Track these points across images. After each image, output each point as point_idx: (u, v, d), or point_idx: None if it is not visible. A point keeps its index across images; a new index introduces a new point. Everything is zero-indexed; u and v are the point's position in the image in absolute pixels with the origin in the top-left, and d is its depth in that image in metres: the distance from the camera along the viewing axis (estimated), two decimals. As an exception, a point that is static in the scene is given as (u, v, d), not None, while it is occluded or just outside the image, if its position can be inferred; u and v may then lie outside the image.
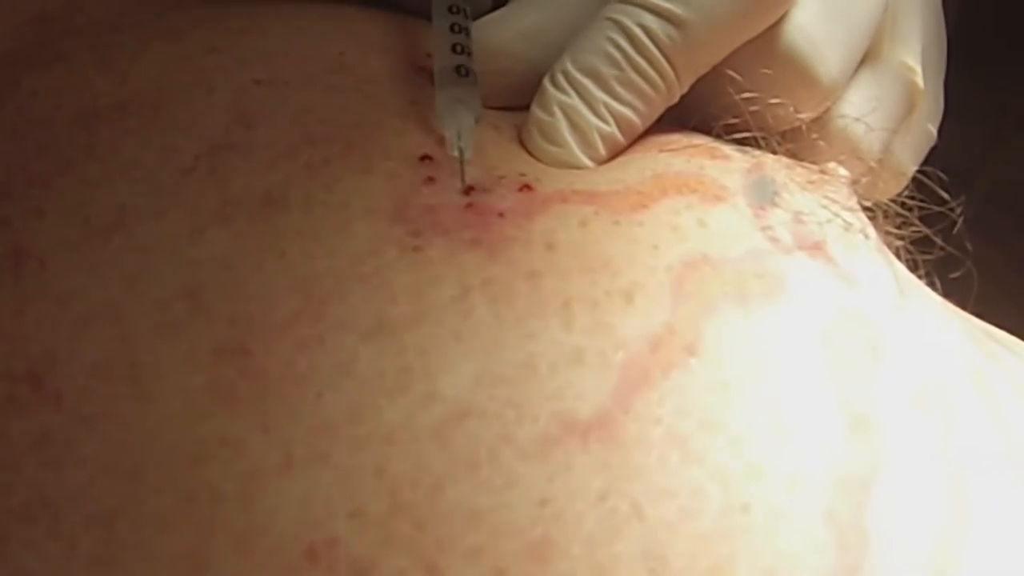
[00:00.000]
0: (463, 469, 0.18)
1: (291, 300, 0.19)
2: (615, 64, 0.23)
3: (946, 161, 0.27)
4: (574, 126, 0.23)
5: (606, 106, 0.23)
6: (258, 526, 0.18)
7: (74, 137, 0.22)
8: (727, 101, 0.24)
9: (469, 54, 0.23)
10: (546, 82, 0.23)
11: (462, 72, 0.23)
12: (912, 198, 0.25)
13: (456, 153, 0.22)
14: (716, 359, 0.19)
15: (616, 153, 0.23)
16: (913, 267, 0.24)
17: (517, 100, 0.24)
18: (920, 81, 0.27)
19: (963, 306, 0.26)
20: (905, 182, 0.27)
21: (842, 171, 0.25)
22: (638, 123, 0.23)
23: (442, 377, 0.19)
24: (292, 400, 0.19)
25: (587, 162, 0.23)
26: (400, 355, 0.19)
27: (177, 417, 0.19)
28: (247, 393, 0.19)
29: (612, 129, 0.23)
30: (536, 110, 0.23)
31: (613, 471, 0.18)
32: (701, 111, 0.24)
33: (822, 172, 0.24)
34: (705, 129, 0.24)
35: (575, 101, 0.23)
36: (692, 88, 0.24)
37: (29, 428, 0.19)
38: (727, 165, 0.23)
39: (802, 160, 0.25)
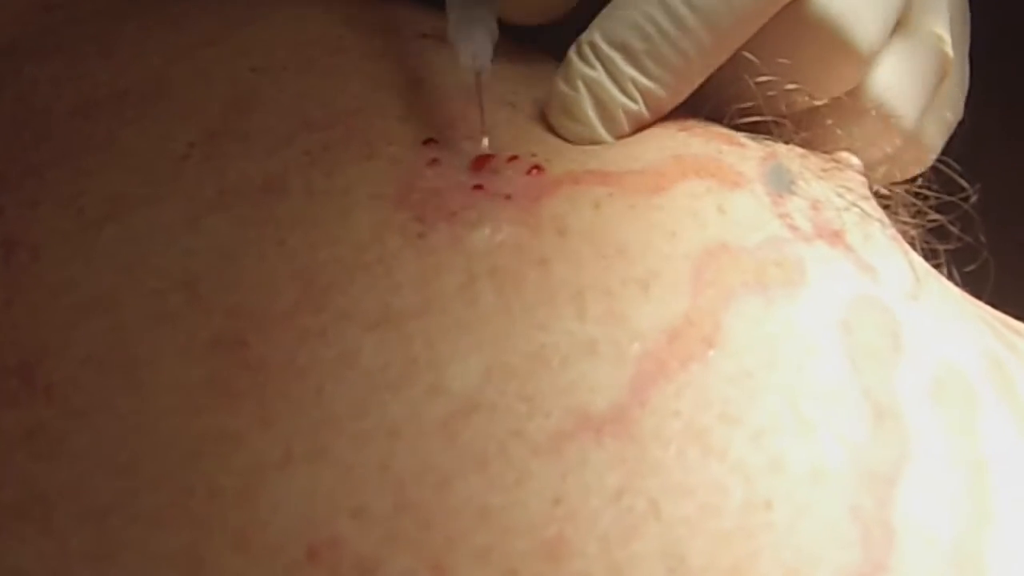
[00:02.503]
0: (472, 465, 0.17)
1: (291, 290, 0.19)
2: (647, 38, 0.22)
3: (956, 150, 0.26)
4: (598, 102, 0.22)
5: (634, 82, 0.22)
6: (257, 523, 0.17)
7: (72, 127, 0.22)
8: (742, 86, 0.23)
9: None
10: (572, 53, 0.22)
11: None
12: (929, 188, 0.24)
13: (472, 76, 0.21)
14: (736, 350, 0.19)
15: (640, 130, 0.23)
16: (929, 256, 0.24)
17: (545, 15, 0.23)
18: (950, 51, 0.26)
19: (979, 296, 0.25)
20: (932, 158, 0.26)
21: (855, 160, 0.24)
22: (667, 100, 0.22)
23: (449, 369, 0.18)
24: (293, 393, 0.18)
25: (609, 140, 0.22)
26: (405, 346, 0.18)
27: (173, 410, 0.18)
28: (246, 386, 0.18)
29: (639, 107, 0.22)
30: (559, 83, 0.22)
31: (630, 467, 0.18)
32: (716, 97, 0.23)
33: (836, 161, 0.24)
34: (718, 118, 0.24)
35: (601, 76, 0.22)
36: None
37: (20, 421, 0.18)
38: (743, 152, 0.22)
39: (816, 149, 0.24)
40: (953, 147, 0.27)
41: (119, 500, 0.18)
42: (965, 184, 0.25)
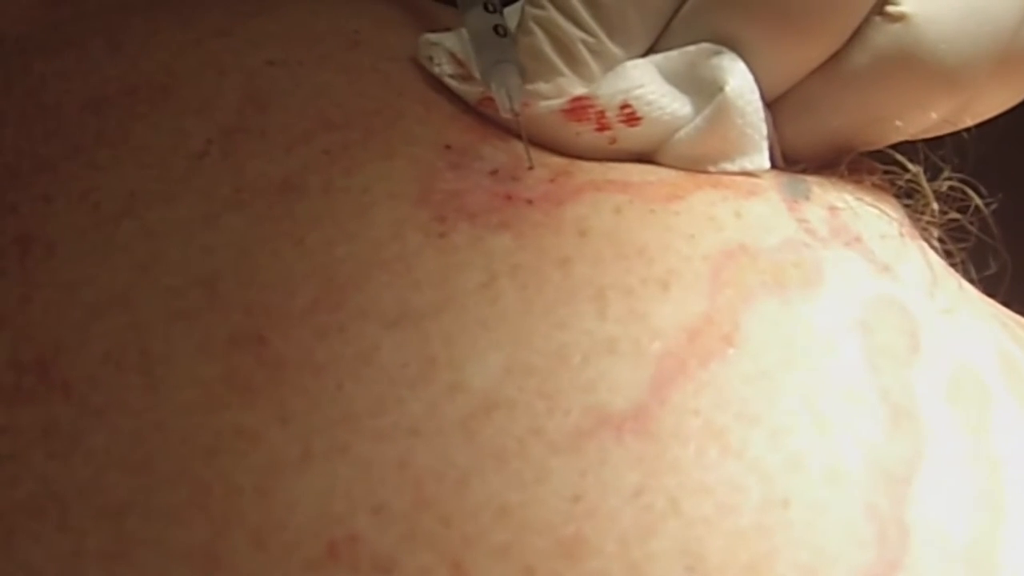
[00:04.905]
0: (491, 463, 0.17)
1: (310, 288, 0.19)
2: None
3: (963, 147, 0.26)
4: (553, 39, 0.21)
5: (588, 10, 0.21)
6: (276, 521, 0.17)
7: (83, 122, 0.22)
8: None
9: (501, 12, 0.22)
10: (524, 2, 0.22)
11: (500, 32, 0.22)
12: (952, 190, 0.24)
13: (509, 115, 0.21)
14: (754, 349, 0.19)
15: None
16: (946, 256, 0.24)
17: None
18: None
19: (993, 296, 0.25)
20: None
21: (874, 165, 0.24)
22: (633, 31, 0.21)
23: (468, 367, 0.18)
24: (311, 391, 0.18)
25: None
26: (424, 344, 0.18)
27: (191, 408, 0.18)
28: (264, 383, 0.18)
29: (599, 40, 0.21)
30: (518, 34, 0.22)
31: (649, 465, 0.18)
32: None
33: (853, 168, 0.24)
34: None
35: (551, 13, 0.21)
36: None
37: (37, 419, 0.18)
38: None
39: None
40: (956, 142, 0.27)
41: (135, 498, 0.17)
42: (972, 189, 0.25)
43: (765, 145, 0.22)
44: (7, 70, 0.23)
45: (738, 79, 0.21)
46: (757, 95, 0.21)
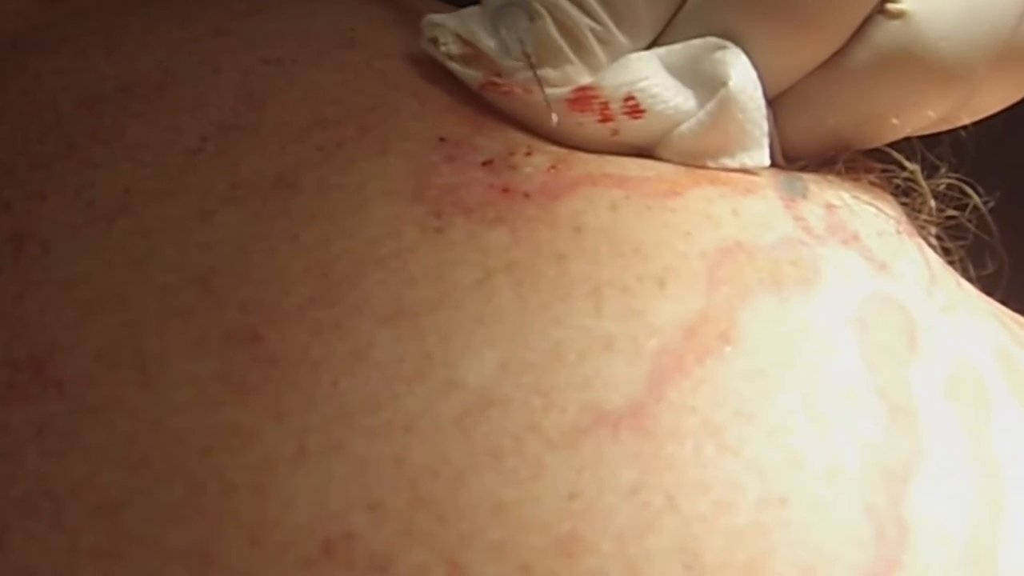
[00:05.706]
0: (487, 460, 0.17)
1: (305, 284, 0.19)
2: None
3: (960, 144, 0.26)
4: (562, 26, 0.21)
5: None
6: (271, 519, 0.17)
7: (79, 120, 0.21)
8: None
9: None
10: None
11: None
12: (950, 187, 0.24)
13: (522, 60, 0.21)
14: (752, 346, 0.19)
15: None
16: (944, 254, 0.24)
17: None
18: None
19: (991, 294, 0.25)
20: None
21: (873, 164, 0.24)
22: (640, 18, 0.21)
23: (464, 364, 0.18)
24: (306, 387, 0.18)
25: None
26: (419, 341, 0.18)
27: (186, 405, 0.18)
28: (259, 380, 0.18)
29: (607, 28, 0.21)
30: (529, 16, 0.22)
31: (645, 463, 0.18)
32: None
33: (851, 167, 0.24)
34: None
35: None
36: None
37: (31, 417, 0.18)
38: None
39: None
40: (955, 140, 0.27)
41: (130, 496, 0.17)
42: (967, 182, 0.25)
43: (765, 141, 0.22)
44: (2, 68, 0.23)
45: (741, 74, 0.21)
46: (760, 91, 0.21)
